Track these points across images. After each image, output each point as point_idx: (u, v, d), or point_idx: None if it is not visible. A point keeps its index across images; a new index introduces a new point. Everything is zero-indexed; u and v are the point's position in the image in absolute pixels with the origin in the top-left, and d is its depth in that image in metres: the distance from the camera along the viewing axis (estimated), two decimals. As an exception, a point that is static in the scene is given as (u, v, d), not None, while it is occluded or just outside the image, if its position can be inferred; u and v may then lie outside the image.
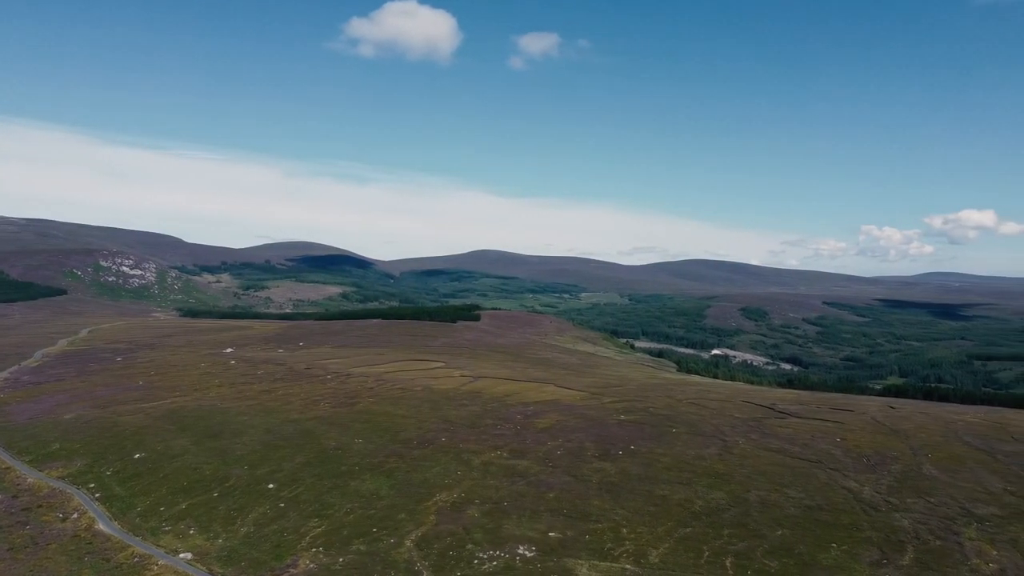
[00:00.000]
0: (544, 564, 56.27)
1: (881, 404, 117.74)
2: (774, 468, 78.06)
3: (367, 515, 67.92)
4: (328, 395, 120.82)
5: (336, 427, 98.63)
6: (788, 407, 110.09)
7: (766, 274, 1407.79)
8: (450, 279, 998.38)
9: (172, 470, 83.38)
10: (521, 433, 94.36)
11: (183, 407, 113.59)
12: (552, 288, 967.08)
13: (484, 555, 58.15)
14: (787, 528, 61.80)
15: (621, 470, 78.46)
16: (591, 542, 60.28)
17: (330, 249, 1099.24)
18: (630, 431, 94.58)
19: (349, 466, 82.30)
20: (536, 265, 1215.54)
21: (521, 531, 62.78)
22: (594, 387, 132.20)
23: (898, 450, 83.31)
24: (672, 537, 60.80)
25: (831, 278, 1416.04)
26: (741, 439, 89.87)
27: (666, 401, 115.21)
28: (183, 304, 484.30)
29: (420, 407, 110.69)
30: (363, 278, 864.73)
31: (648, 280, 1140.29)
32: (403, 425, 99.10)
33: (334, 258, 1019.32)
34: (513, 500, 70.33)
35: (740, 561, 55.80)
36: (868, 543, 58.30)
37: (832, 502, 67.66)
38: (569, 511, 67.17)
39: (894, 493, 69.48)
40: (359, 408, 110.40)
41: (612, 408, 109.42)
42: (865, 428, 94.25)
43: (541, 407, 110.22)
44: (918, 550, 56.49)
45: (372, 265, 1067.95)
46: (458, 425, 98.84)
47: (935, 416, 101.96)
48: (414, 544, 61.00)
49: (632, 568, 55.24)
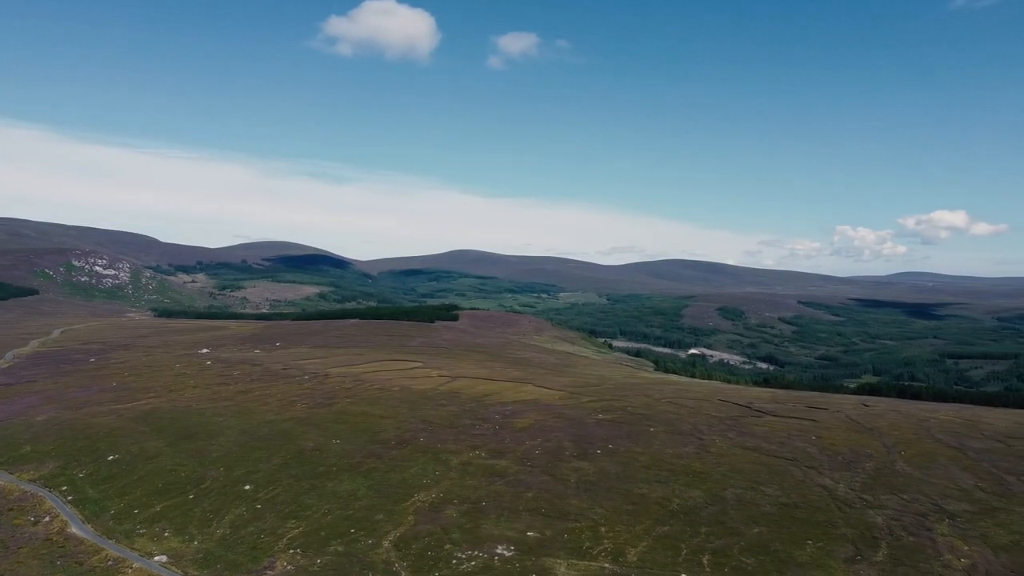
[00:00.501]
0: (523, 563, 56.30)
1: (856, 402, 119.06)
2: (751, 466, 78.69)
3: (345, 516, 67.56)
4: (305, 395, 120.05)
5: (313, 428, 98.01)
6: (764, 406, 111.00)
7: (743, 274, 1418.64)
8: (428, 279, 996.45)
9: (147, 472, 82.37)
10: (499, 433, 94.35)
11: (158, 408, 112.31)
12: (531, 288, 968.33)
13: (463, 555, 58.06)
14: (764, 526, 62.31)
15: (599, 469, 78.70)
16: (569, 541, 60.41)
17: (307, 249, 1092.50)
18: (608, 430, 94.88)
19: (327, 467, 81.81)
20: (515, 265, 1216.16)
21: (500, 531, 62.77)
22: (572, 387, 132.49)
23: (872, 448, 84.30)
24: (650, 535, 61.08)
25: (806, 278, 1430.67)
26: (718, 438, 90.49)
27: (644, 400, 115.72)
28: (158, 304, 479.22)
29: (398, 407, 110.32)
30: (341, 278, 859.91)
31: (626, 280, 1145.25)
32: (381, 425, 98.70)
33: (311, 258, 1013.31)
34: (492, 500, 70.30)
35: (717, 559, 56.20)
36: (843, 540, 58.93)
37: (808, 499, 68.32)
38: (547, 510, 67.27)
39: (868, 490, 70.28)
40: (337, 408, 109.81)
41: (590, 407, 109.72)
42: (840, 426, 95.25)
43: (520, 407, 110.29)
44: (891, 546, 57.20)
45: (350, 265, 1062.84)
46: (436, 425, 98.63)
47: (908, 414, 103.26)
48: (392, 545, 60.76)
49: (610, 567, 55.42)
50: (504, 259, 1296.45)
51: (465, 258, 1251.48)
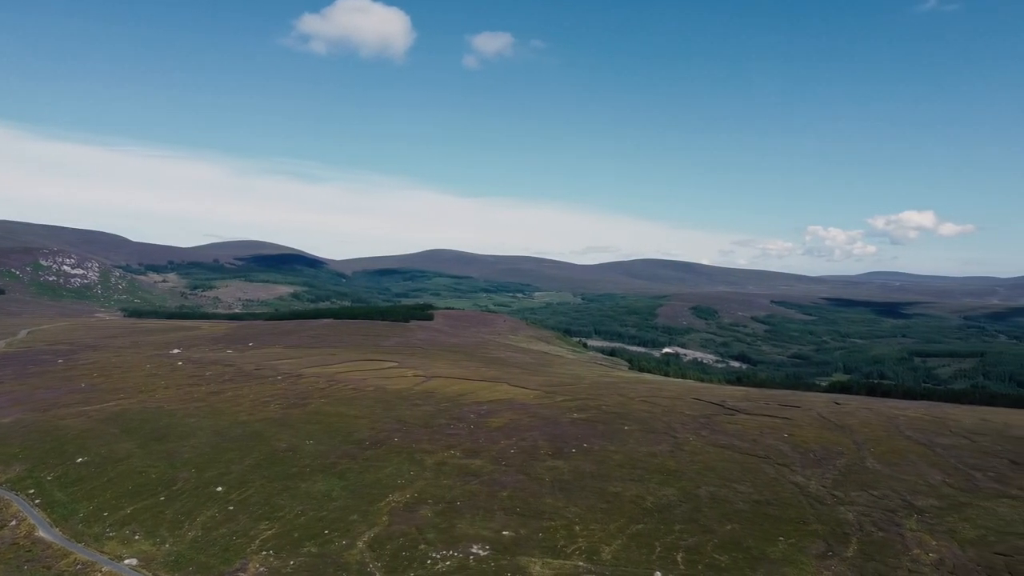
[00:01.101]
0: (498, 563, 56.28)
1: (827, 400, 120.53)
2: (724, 464, 79.33)
3: (319, 517, 67.08)
4: (279, 396, 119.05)
5: (287, 428, 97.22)
6: (737, 404, 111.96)
7: (716, 274, 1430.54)
8: (403, 278, 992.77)
9: (116, 474, 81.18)
10: (474, 432, 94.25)
11: (128, 409, 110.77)
12: (506, 287, 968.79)
13: (437, 555, 57.90)
14: (736, 523, 62.84)
15: (574, 468, 78.90)
16: (544, 540, 60.48)
17: (281, 248, 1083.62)
18: (583, 429, 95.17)
19: (300, 467, 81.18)
20: (490, 264, 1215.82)
21: (475, 530, 62.69)
22: (547, 386, 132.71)
23: (843, 445, 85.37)
24: (624, 534, 61.34)
25: (779, 277, 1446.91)
26: (692, 436, 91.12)
27: (618, 399, 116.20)
28: (128, 304, 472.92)
29: (373, 407, 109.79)
30: (315, 278, 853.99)
31: (601, 279, 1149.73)
32: (355, 426, 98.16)
33: (285, 257, 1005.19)
34: (466, 499, 70.19)
35: (691, 556, 56.58)
36: (814, 536, 59.60)
37: (780, 496, 69.02)
38: (522, 509, 67.31)
39: (839, 487, 71.17)
40: (310, 409, 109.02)
41: (565, 407, 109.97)
42: (811, 424, 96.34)
43: (495, 406, 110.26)
44: (862, 542, 57.96)
45: (324, 264, 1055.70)
46: (411, 425, 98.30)
47: (878, 411, 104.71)
48: (366, 545, 60.45)
49: (585, 565, 55.58)
50: (479, 259, 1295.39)
51: (440, 258, 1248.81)
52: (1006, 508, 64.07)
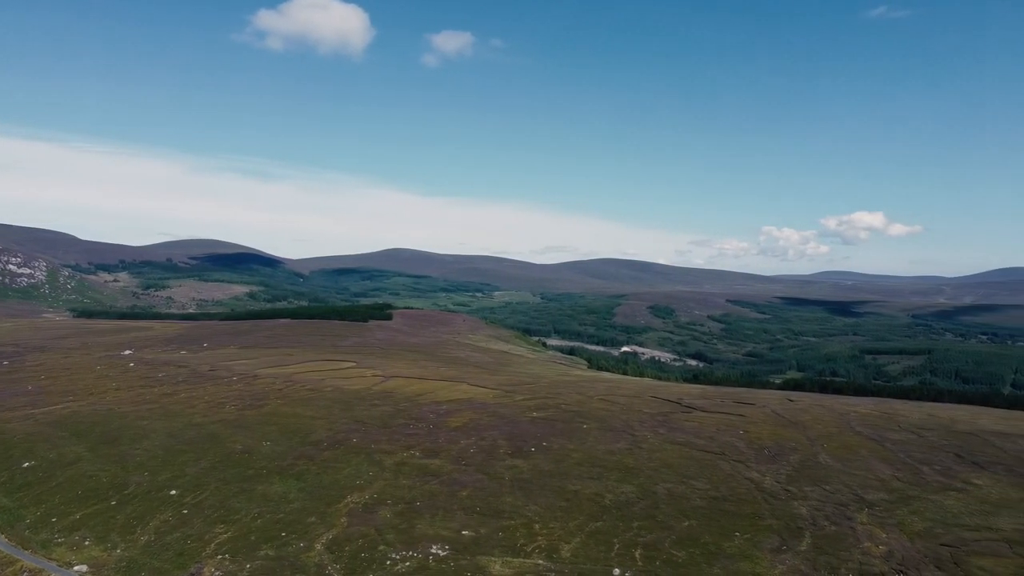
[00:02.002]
0: (457, 562, 56.17)
1: (781, 397, 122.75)
2: (681, 461, 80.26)
3: (275, 519, 66.18)
4: (234, 397, 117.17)
5: (243, 430, 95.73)
6: (694, 402, 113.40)
7: (673, 273, 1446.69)
8: (362, 278, 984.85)
9: (65, 479, 79.05)
10: (434, 432, 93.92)
11: (77, 412, 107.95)
12: (465, 287, 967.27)
13: (397, 555, 57.58)
14: (694, 519, 63.62)
15: (533, 467, 79.12)
16: (504, 539, 60.54)
17: (236, 247, 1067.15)
18: (542, 428, 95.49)
19: (256, 469, 80.00)
20: (449, 264, 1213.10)
21: (434, 530, 62.48)
22: (507, 385, 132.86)
23: (797, 441, 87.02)
24: (583, 531, 61.69)
25: (734, 277, 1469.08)
26: (649, 433, 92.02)
27: (577, 398, 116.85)
28: (77, 304, 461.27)
29: (331, 408, 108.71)
30: (271, 277, 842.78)
31: (560, 279, 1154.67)
32: (313, 426, 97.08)
33: (240, 256, 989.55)
34: (426, 499, 69.93)
35: (649, 552, 57.13)
36: (769, 531, 60.61)
37: (736, 492, 70.06)
38: (482, 509, 67.28)
39: (793, 482, 72.50)
40: (267, 410, 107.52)
41: (525, 405, 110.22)
42: (766, 420, 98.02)
43: (454, 406, 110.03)
44: (815, 535, 59.12)
45: (281, 264, 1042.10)
46: (370, 425, 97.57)
47: (830, 408, 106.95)
48: (324, 547, 59.82)
49: (544, 563, 55.76)
50: (438, 258, 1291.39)
51: (399, 257, 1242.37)
52: (952, 501, 65.97)
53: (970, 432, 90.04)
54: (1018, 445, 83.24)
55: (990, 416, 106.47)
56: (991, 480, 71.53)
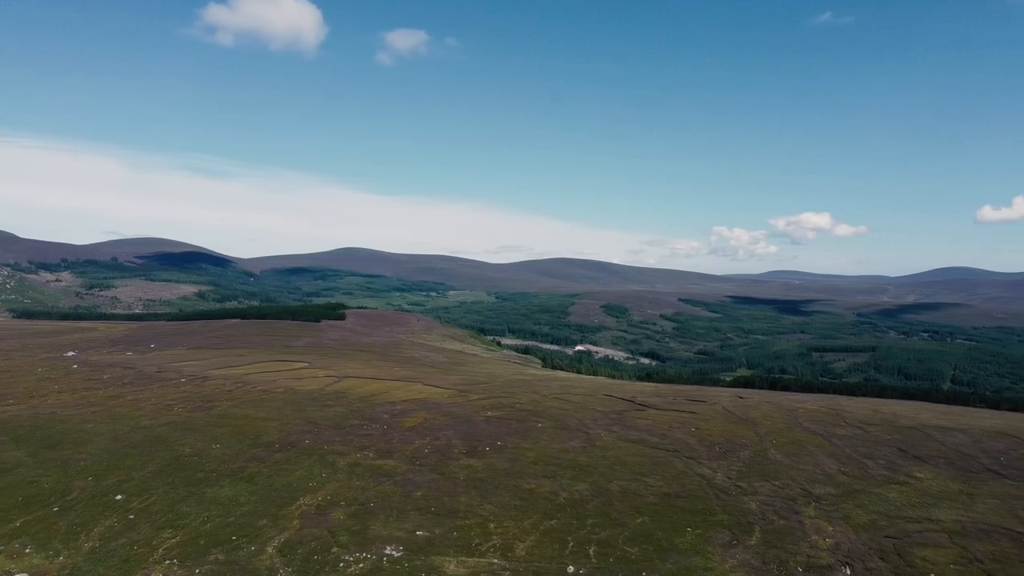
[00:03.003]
0: (412, 563, 55.87)
1: (731, 394, 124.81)
2: (634, 458, 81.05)
3: (226, 523, 64.98)
4: (183, 399, 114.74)
5: (192, 432, 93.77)
6: (647, 399, 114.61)
7: (627, 272, 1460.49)
8: (314, 277, 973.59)
9: (5, 485, 76.45)
10: (388, 433, 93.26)
11: (17, 416, 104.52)
12: (420, 286, 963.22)
13: (350, 557, 57.03)
14: (647, 515, 64.31)
15: (488, 466, 79.12)
16: (459, 539, 60.41)
17: (185, 246, 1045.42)
18: (497, 427, 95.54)
19: (206, 472, 78.44)
20: (404, 263, 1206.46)
21: (388, 531, 62.06)
22: (461, 384, 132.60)
23: (747, 437, 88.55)
24: (538, 529, 61.90)
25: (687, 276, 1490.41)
26: (603, 431, 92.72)
27: (532, 397, 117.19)
28: (16, 305, 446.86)
29: (283, 409, 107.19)
30: (221, 276, 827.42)
31: (514, 278, 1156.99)
32: (264, 428, 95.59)
33: (189, 255, 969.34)
34: (380, 500, 69.42)
35: (603, 549, 57.57)
36: (720, 526, 61.57)
37: (687, 489, 71.02)
38: (437, 509, 67.05)
39: (743, 478, 73.77)
40: (217, 412, 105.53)
41: (479, 405, 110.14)
42: (717, 417, 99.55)
43: (408, 406, 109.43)
44: (764, 530, 60.24)
45: (231, 263, 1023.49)
46: (323, 426, 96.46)
47: (779, 404, 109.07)
48: (276, 551, 58.94)
49: (499, 562, 55.80)
50: (393, 257, 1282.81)
51: (353, 256, 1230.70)
52: (895, 494, 67.87)
53: (912, 427, 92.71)
54: (957, 439, 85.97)
55: (931, 411, 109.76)
56: (932, 473, 73.76)
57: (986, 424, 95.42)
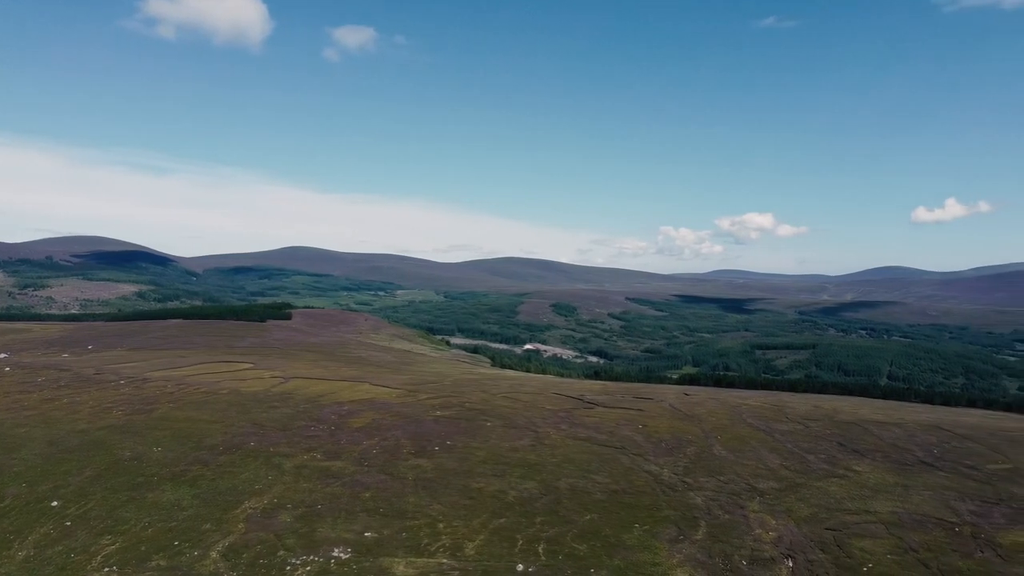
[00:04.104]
0: (360, 565, 55.36)
1: (677, 392, 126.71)
2: (582, 456, 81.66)
3: (168, 528, 63.43)
4: (122, 402, 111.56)
5: (131, 436, 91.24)
6: (595, 398, 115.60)
7: (575, 272, 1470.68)
8: (259, 276, 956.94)
9: (-69, 493, 73.31)
10: (335, 433, 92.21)
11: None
12: (368, 286, 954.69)
13: (297, 560, 56.23)
14: (595, 512, 64.85)
15: (437, 465, 78.85)
16: (408, 539, 60.08)
17: (124, 244, 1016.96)
18: (446, 427, 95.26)
19: (147, 477, 76.44)
20: (351, 262, 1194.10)
21: (336, 533, 61.37)
22: (410, 384, 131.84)
23: (692, 434, 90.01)
24: (487, 528, 61.93)
25: (634, 275, 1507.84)
26: (552, 430, 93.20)
27: (481, 396, 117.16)
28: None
29: (227, 411, 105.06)
30: (162, 276, 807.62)
31: (464, 277, 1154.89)
32: (208, 430, 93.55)
33: (129, 254, 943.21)
34: (327, 502, 68.61)
35: (551, 547, 57.88)
36: (667, 521, 62.46)
37: (635, 485, 71.85)
38: (385, 510, 66.57)
39: (689, 474, 74.96)
40: (158, 414, 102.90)
41: (428, 404, 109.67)
42: (663, 414, 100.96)
43: (356, 406, 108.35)
44: (710, 525, 61.31)
45: (173, 262, 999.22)
46: (268, 428, 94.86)
47: (723, 401, 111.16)
48: (220, 555, 57.77)
49: (448, 562, 55.67)
50: (340, 256, 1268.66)
51: (299, 255, 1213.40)
52: (835, 487, 69.78)
53: (851, 422, 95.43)
54: (893, 433, 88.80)
55: (869, 406, 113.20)
56: (870, 466, 76.04)
57: (920, 419, 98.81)
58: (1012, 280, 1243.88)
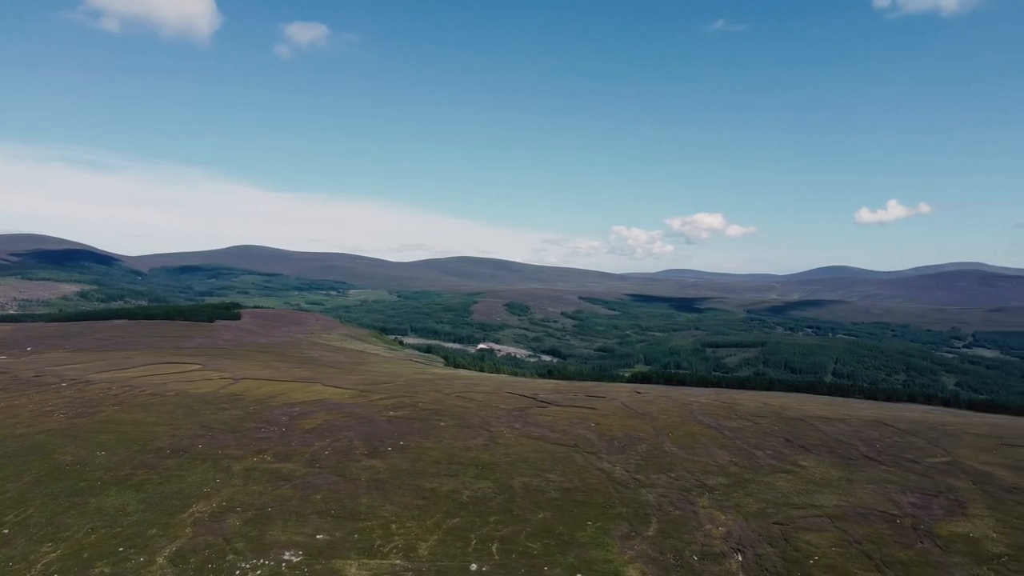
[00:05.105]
0: (312, 568, 54.70)
1: (629, 390, 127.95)
2: (536, 455, 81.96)
3: (112, 534, 61.81)
4: (64, 404, 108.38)
5: (74, 439, 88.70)
6: (549, 396, 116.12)
7: (529, 271, 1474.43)
8: (208, 276, 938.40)
9: None
10: (286, 435, 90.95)
11: None
12: (320, 285, 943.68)
13: (247, 564, 55.30)
14: (548, 511, 65.15)
15: (390, 466, 78.35)
16: (360, 541, 59.56)
17: (66, 243, 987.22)
18: (399, 427, 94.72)
19: (90, 482, 74.38)
20: (303, 262, 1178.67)
21: (287, 536, 60.53)
22: (362, 384, 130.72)
23: (644, 431, 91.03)
24: (441, 529, 61.75)
25: (587, 275, 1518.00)
26: (506, 429, 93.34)
27: (434, 395, 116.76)
28: None
29: (174, 413, 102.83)
30: (106, 275, 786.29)
31: (417, 277, 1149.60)
32: (154, 433, 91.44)
33: (71, 253, 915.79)
34: (278, 505, 67.64)
35: (505, 546, 57.97)
36: (619, 518, 63.05)
37: (588, 483, 72.37)
38: (337, 511, 65.90)
39: (641, 471, 75.79)
40: (102, 417, 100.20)
41: (381, 405, 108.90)
42: (616, 412, 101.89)
43: (308, 407, 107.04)
44: (661, 521, 62.08)
45: (117, 261, 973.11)
46: (217, 430, 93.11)
47: (675, 399, 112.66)
48: (167, 560, 56.50)
49: (401, 563, 55.36)
50: (291, 255, 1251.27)
51: (249, 254, 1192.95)
52: (782, 482, 71.28)
53: (798, 418, 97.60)
54: (838, 428, 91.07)
55: (815, 403, 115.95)
56: (815, 461, 77.85)
57: (863, 414, 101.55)
58: (950, 280, 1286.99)
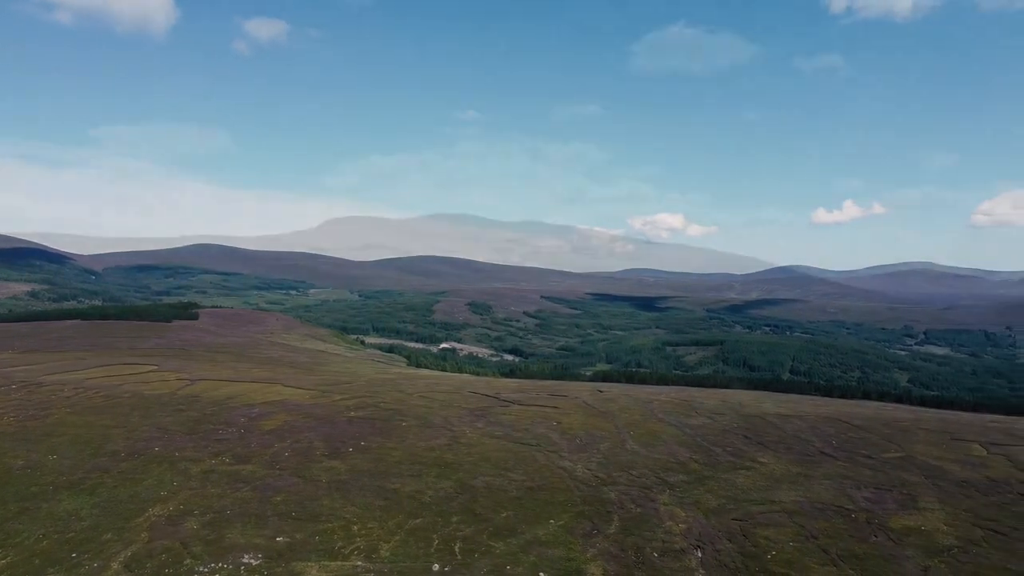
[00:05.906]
0: (272, 570, 54.06)
1: (591, 388, 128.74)
2: (498, 454, 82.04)
3: (64, 540, 60.37)
4: (12, 407, 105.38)
5: (24, 443, 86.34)
6: (511, 396, 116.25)
7: (491, 270, 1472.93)
8: (165, 275, 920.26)
9: None
10: (245, 436, 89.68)
11: None
12: (279, 284, 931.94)
13: (205, 568, 54.44)
14: (510, 510, 65.27)
15: (351, 467, 77.76)
16: (321, 543, 59.03)
17: (14, 240, 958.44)
18: (361, 427, 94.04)
19: (41, 486, 72.52)
20: (262, 261, 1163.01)
21: (246, 539, 59.71)
22: (323, 385, 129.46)
23: (606, 430, 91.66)
24: (403, 529, 61.49)
25: (549, 274, 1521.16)
26: (468, 428, 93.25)
27: (396, 395, 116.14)
28: None
29: (129, 415, 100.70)
30: (58, 274, 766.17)
31: (379, 276, 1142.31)
32: (109, 436, 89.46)
33: (20, 251, 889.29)
34: (237, 507, 66.68)
35: (467, 546, 57.95)
36: (582, 516, 63.43)
37: (550, 482, 72.66)
38: (298, 513, 65.21)
39: (603, 469, 76.31)
40: (53, 420, 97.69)
41: (342, 405, 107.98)
42: (578, 411, 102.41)
43: (267, 408, 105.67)
44: (622, 518, 62.61)
45: (70, 260, 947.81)
46: (174, 432, 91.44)
47: (636, 397, 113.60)
48: (123, 566, 55.38)
49: (363, 564, 55.01)
50: (251, 254, 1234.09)
51: (207, 253, 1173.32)
52: (741, 479, 72.37)
53: (756, 415, 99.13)
54: (795, 425, 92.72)
55: (772, 400, 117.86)
56: (773, 458, 79.18)
57: (820, 411, 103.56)
58: (903, 279, 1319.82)
